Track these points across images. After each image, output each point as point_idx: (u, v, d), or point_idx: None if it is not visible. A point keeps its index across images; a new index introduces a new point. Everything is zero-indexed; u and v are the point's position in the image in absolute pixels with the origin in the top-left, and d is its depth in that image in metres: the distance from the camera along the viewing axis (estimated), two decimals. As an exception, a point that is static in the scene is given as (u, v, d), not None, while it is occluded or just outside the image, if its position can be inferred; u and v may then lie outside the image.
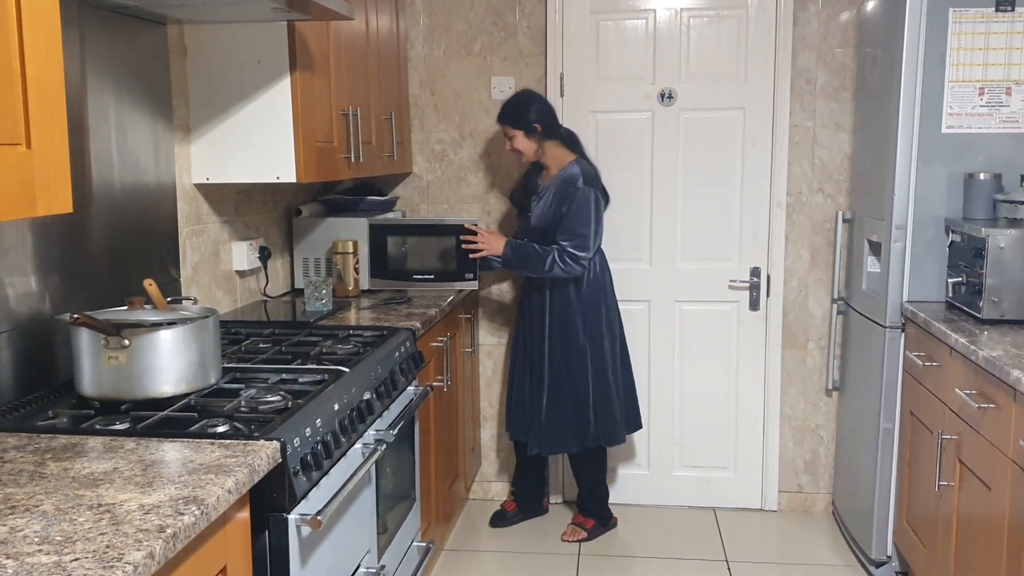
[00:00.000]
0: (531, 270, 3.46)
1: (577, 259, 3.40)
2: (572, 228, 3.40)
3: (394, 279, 3.55)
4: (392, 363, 2.55)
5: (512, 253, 3.46)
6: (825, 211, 3.85)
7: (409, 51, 3.94)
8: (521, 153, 3.50)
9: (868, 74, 3.56)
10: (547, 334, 3.56)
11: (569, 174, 3.45)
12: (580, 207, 3.40)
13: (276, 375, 2.24)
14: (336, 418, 2.05)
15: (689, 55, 3.82)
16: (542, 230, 3.48)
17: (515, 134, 3.47)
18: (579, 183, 3.41)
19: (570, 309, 3.53)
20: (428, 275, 3.54)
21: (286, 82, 2.68)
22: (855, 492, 3.64)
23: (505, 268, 3.53)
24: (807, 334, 3.93)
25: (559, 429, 3.57)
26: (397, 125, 3.68)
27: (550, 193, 3.47)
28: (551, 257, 3.39)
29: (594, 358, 3.55)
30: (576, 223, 3.40)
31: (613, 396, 3.59)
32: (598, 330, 3.55)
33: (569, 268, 3.41)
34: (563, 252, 3.40)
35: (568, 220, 3.41)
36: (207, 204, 2.88)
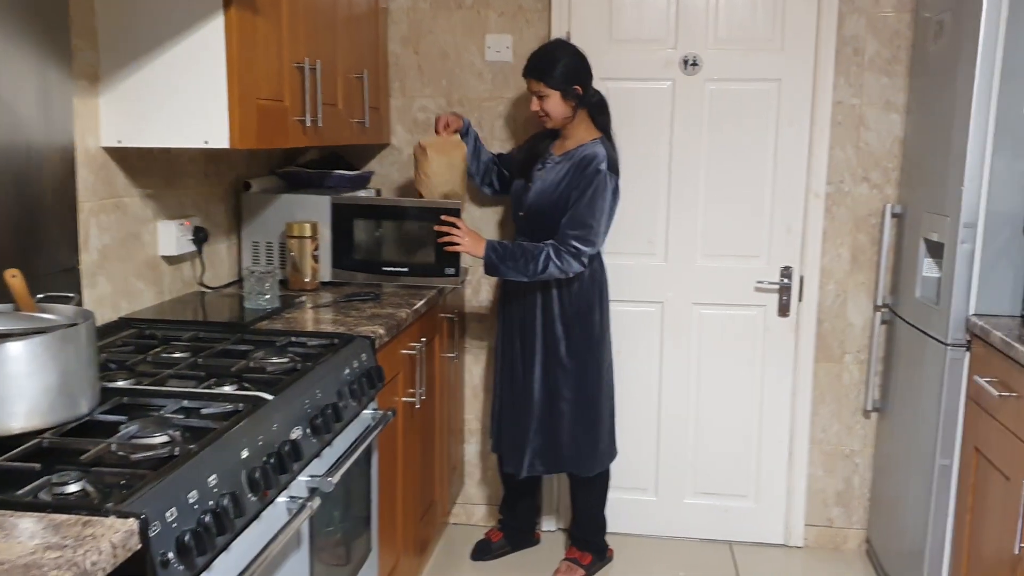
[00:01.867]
0: (520, 273, 2.87)
1: (579, 255, 2.86)
2: (581, 217, 2.85)
3: (362, 270, 2.99)
4: (339, 383, 2.00)
5: (495, 256, 2.87)
6: (870, 204, 3.29)
7: (390, 2, 3.37)
8: (549, 118, 2.91)
9: (929, 44, 2.99)
10: (538, 342, 3.03)
11: (592, 152, 2.89)
12: (597, 194, 2.84)
13: (175, 402, 1.69)
14: (243, 470, 1.50)
15: (718, 16, 3.25)
16: (540, 209, 2.94)
17: (550, 94, 2.87)
18: (602, 166, 2.85)
19: (565, 311, 3.01)
20: (401, 268, 2.98)
21: (219, 21, 2.12)
22: (898, 531, 3.10)
23: (488, 274, 2.93)
24: (844, 346, 3.38)
25: (557, 447, 3.05)
26: (372, 87, 3.11)
27: (562, 167, 2.93)
28: (544, 255, 2.83)
29: (591, 369, 3.04)
30: (587, 212, 2.85)
31: (607, 415, 3.11)
32: (598, 337, 3.05)
33: (567, 266, 2.86)
34: (562, 247, 2.85)
35: (578, 206, 2.85)
36: (123, 174, 2.33)
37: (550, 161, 2.97)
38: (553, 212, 2.90)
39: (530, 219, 2.99)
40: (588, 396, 3.04)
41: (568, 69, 2.88)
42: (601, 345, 3.06)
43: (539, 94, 2.88)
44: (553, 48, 2.97)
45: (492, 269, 2.89)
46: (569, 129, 2.96)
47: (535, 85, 2.89)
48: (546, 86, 2.87)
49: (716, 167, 3.33)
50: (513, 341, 3.09)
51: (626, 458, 3.50)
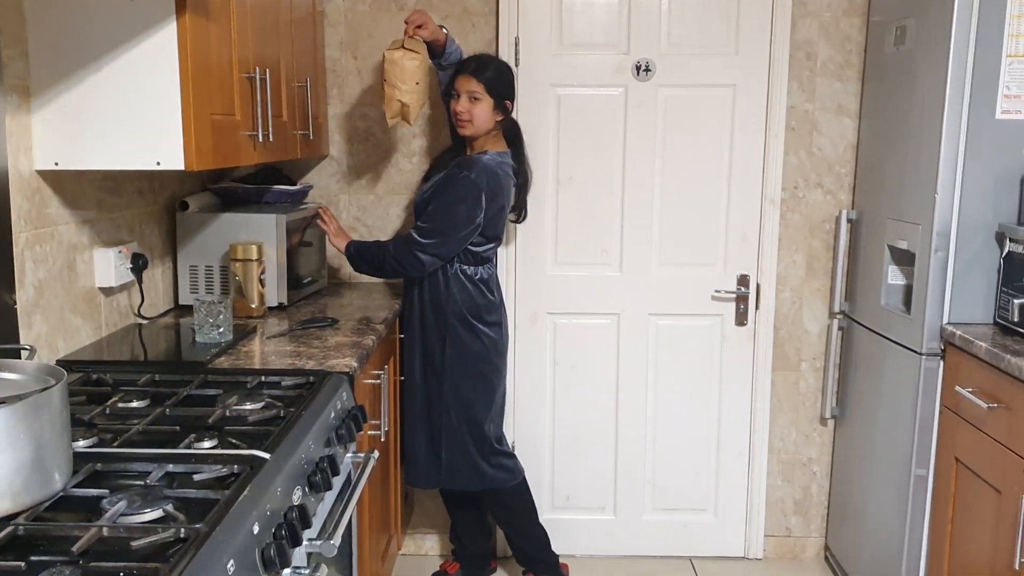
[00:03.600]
0: (372, 266, 2.79)
1: (412, 246, 2.69)
2: (431, 213, 2.72)
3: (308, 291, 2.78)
4: (327, 430, 1.80)
5: (355, 250, 2.79)
6: (824, 210, 3.26)
7: (326, 3, 3.16)
8: (471, 124, 2.75)
9: (887, 48, 2.97)
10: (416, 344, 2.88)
11: (470, 159, 2.77)
12: (452, 194, 2.70)
13: (159, 467, 1.47)
14: (257, 548, 1.30)
15: (671, 21, 3.16)
16: (415, 214, 2.84)
17: (484, 99, 2.74)
18: (472, 171, 2.70)
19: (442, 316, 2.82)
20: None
21: (171, 28, 1.89)
22: (865, 538, 3.08)
23: (353, 268, 2.83)
24: (800, 353, 3.35)
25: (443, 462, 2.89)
26: (313, 96, 2.90)
27: (442, 173, 2.80)
28: (385, 247, 2.74)
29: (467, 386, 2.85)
30: (436, 209, 2.71)
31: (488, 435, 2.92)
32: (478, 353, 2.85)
33: (404, 260, 2.70)
34: (402, 240, 2.72)
35: (431, 204, 2.74)
36: (57, 197, 2.06)
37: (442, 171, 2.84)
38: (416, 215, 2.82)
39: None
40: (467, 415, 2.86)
41: (506, 81, 2.80)
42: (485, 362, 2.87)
43: (474, 95, 2.73)
44: (495, 58, 2.91)
45: (352, 261, 2.81)
46: (479, 143, 2.82)
47: (472, 85, 2.74)
48: (484, 89, 2.74)
49: (671, 174, 3.24)
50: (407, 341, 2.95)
51: (583, 476, 3.39)
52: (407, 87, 2.68)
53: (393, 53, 2.66)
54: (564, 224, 3.22)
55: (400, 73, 2.66)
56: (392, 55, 2.66)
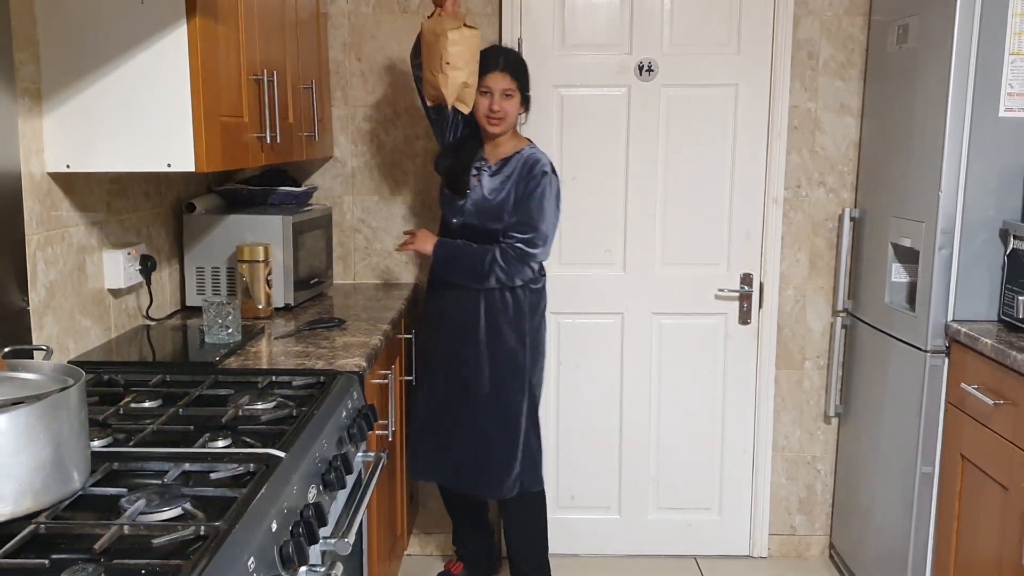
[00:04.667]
0: (466, 274, 2.74)
1: (526, 258, 2.70)
2: (529, 219, 2.70)
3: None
4: (339, 429, 1.81)
5: (443, 251, 2.75)
6: (827, 208, 3.27)
7: (330, 5, 3.16)
8: (503, 120, 2.72)
9: (890, 47, 2.99)
10: (483, 350, 2.79)
11: (535, 156, 2.76)
12: (544, 196, 2.72)
13: (175, 466, 1.48)
14: (275, 545, 1.31)
15: (673, 21, 3.17)
16: (480, 217, 2.75)
17: (516, 96, 2.73)
18: (547, 168, 2.74)
19: (508, 319, 2.79)
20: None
21: (182, 31, 1.90)
22: (870, 536, 3.09)
23: (437, 272, 2.80)
24: (804, 352, 3.36)
25: (492, 469, 2.84)
26: (318, 97, 2.91)
27: (503, 173, 2.76)
28: (490, 256, 2.69)
29: (531, 384, 2.86)
30: (535, 214, 2.71)
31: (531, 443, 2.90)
32: (539, 348, 2.90)
33: (513, 271, 2.71)
34: (509, 250, 2.69)
35: (525, 208, 2.71)
36: (67, 200, 2.07)
37: (485, 168, 2.78)
38: (493, 220, 2.74)
39: (466, 228, 2.78)
40: (510, 418, 2.82)
41: (528, 75, 2.80)
42: (534, 364, 2.88)
43: (507, 92, 2.70)
44: (514, 50, 2.92)
45: (441, 266, 2.77)
46: (506, 138, 2.80)
47: (506, 82, 2.70)
48: (516, 86, 2.72)
49: (674, 174, 3.25)
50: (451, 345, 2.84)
51: (588, 476, 3.39)
52: (470, 68, 2.56)
53: (455, 32, 2.50)
54: (568, 224, 3.23)
55: (463, 53, 2.52)
56: (455, 35, 2.50)
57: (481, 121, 2.74)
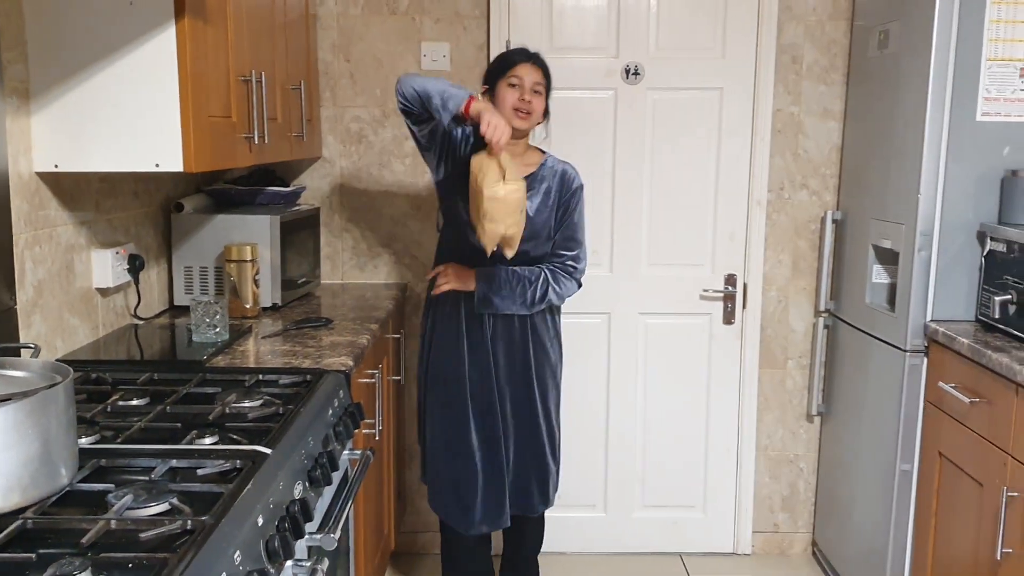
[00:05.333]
0: (516, 302, 2.58)
1: (575, 274, 2.66)
2: (575, 234, 2.67)
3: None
4: (325, 427, 1.84)
5: (487, 286, 2.57)
6: (810, 211, 3.31)
7: (319, 6, 3.19)
8: (530, 118, 2.54)
9: (871, 52, 3.03)
10: (533, 373, 2.69)
11: (564, 168, 2.67)
12: (582, 210, 2.69)
13: (162, 462, 1.50)
14: (261, 539, 1.33)
15: (659, 25, 3.21)
16: (538, 234, 2.59)
17: (543, 95, 2.58)
18: (580, 181, 2.69)
19: (551, 335, 2.76)
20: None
21: (170, 32, 1.92)
22: (851, 533, 3.13)
23: (480, 310, 2.59)
24: (787, 352, 3.40)
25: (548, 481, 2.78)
26: (306, 98, 2.93)
27: (542, 185, 2.62)
28: (543, 279, 2.60)
29: (558, 400, 2.82)
30: (579, 228, 2.68)
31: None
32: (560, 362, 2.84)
33: (565, 290, 2.66)
34: (559, 269, 2.64)
35: (568, 224, 2.65)
36: (55, 199, 2.09)
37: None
38: (541, 244, 2.63)
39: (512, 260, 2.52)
40: (554, 428, 2.79)
41: (549, 78, 2.64)
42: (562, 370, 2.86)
43: (537, 88, 2.54)
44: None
45: (485, 303, 2.58)
46: (522, 144, 2.63)
47: (539, 76, 2.56)
48: (545, 85, 2.59)
49: (659, 175, 3.29)
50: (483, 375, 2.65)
51: (575, 474, 3.42)
52: (512, 219, 2.33)
53: (496, 188, 2.28)
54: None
55: (505, 208, 2.30)
56: (495, 191, 2.28)
57: (506, 114, 2.47)
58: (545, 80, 2.57)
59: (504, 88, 2.52)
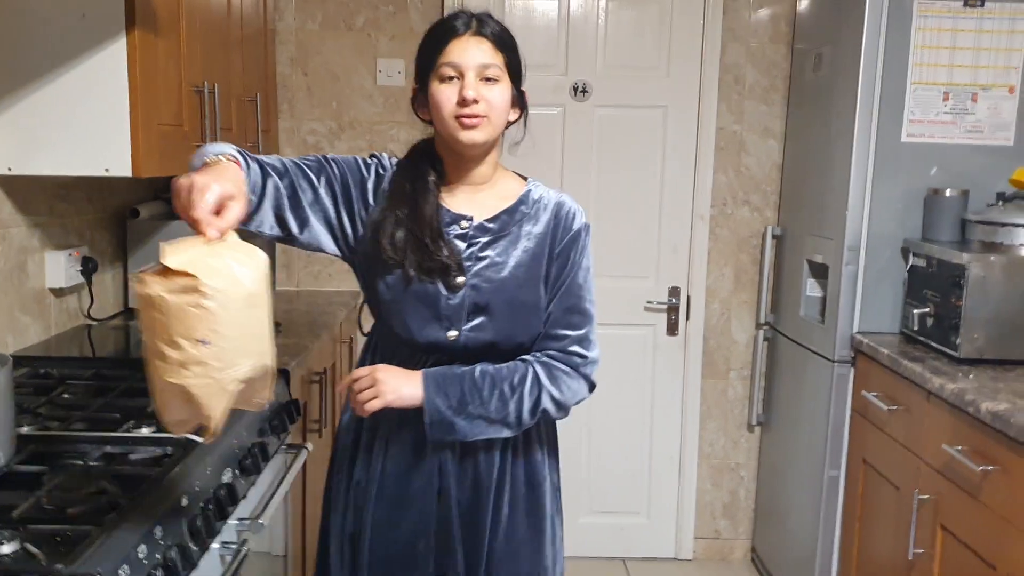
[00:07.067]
0: (494, 420, 1.64)
1: (581, 367, 1.73)
2: (578, 303, 1.75)
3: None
4: (260, 420, 1.92)
5: (444, 401, 1.61)
6: (751, 226, 3.44)
7: (278, 22, 3.29)
8: (487, 124, 1.59)
9: (808, 74, 3.17)
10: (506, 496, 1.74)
11: (560, 204, 1.75)
12: (589, 263, 1.80)
13: (98, 448, 1.59)
14: (185, 518, 1.42)
15: (607, 43, 3.34)
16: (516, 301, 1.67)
17: (503, 81, 1.61)
18: (585, 219, 1.79)
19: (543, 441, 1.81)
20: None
21: (121, 43, 2.00)
22: (786, 539, 3.24)
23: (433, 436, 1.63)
24: (729, 362, 3.52)
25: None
26: (263, 110, 3.02)
27: (527, 229, 1.69)
28: (532, 378, 1.65)
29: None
30: (586, 294, 1.77)
31: None
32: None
33: (568, 394, 1.70)
34: (560, 362, 1.70)
35: (571, 289, 1.73)
36: (9, 202, 2.17)
37: (472, 229, 1.67)
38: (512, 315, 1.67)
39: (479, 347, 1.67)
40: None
41: (519, 54, 1.67)
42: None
43: (488, 73, 1.58)
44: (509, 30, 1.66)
45: (442, 427, 1.62)
46: (489, 160, 1.69)
47: (486, 54, 1.59)
48: (505, 61, 1.61)
49: (606, 190, 3.40)
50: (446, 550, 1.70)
51: (522, 480, 3.51)
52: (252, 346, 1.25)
53: (150, 285, 1.17)
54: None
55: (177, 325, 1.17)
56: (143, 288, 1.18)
57: (446, 126, 1.60)
58: (504, 54, 1.61)
59: (436, 87, 1.60)
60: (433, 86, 1.61)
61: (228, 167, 1.42)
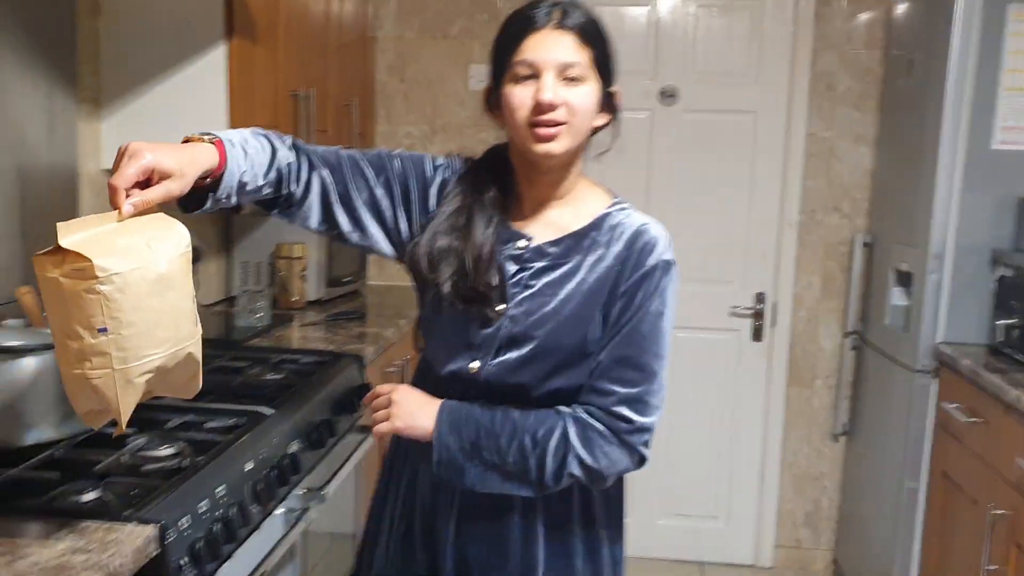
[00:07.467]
0: (504, 477, 1.41)
1: (626, 435, 1.40)
2: (639, 355, 1.43)
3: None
4: (331, 400, 2.06)
5: (456, 436, 1.40)
6: (841, 233, 3.41)
7: (377, 31, 3.45)
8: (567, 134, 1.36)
9: (900, 80, 3.12)
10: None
11: (639, 232, 1.46)
12: (665, 311, 1.49)
13: (179, 415, 1.74)
14: (248, 481, 1.55)
15: (696, 50, 3.37)
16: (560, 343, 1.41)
17: (590, 81, 1.38)
18: (668, 254, 1.50)
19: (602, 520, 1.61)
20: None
21: (220, 51, 2.19)
22: (866, 552, 3.19)
23: (439, 475, 1.42)
24: (815, 371, 3.49)
25: None
26: (360, 114, 3.18)
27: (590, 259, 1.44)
28: (560, 435, 1.38)
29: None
30: (650, 344, 1.45)
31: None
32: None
33: (603, 461, 1.40)
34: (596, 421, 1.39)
35: (630, 336, 1.43)
36: (120, 194, 2.37)
37: (530, 254, 1.46)
38: (555, 353, 1.42)
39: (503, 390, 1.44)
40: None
41: (609, 49, 1.42)
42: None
43: (571, 72, 1.36)
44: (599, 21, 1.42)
45: (450, 468, 1.41)
46: (570, 174, 1.46)
47: (570, 50, 1.36)
48: (593, 58, 1.38)
49: (692, 195, 3.43)
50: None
51: (603, 479, 3.57)
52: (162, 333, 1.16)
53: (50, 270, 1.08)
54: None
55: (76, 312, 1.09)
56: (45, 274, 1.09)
57: (519, 134, 1.39)
58: (591, 49, 1.38)
59: (509, 88, 1.38)
60: (507, 87, 1.38)
61: (195, 146, 1.30)
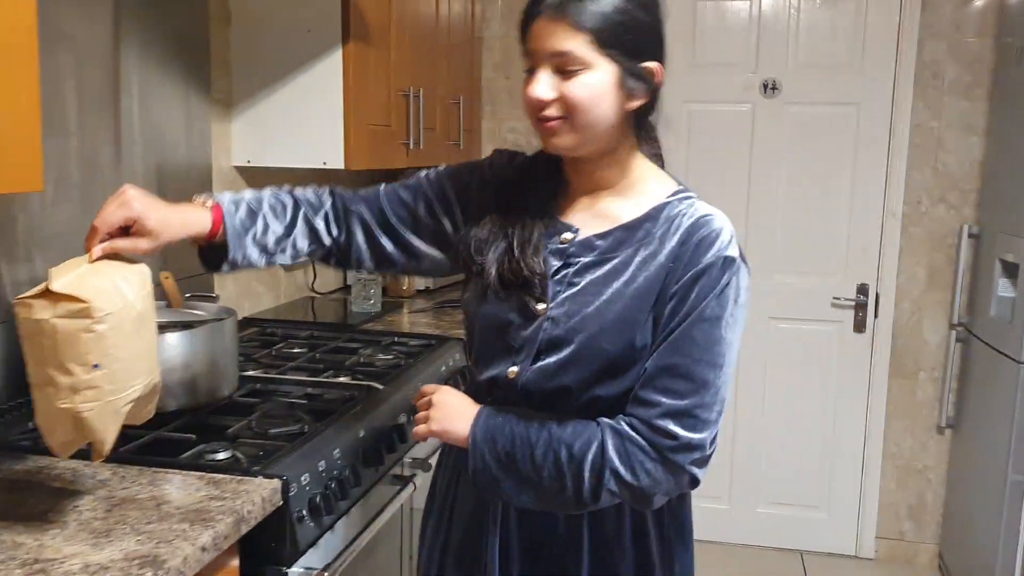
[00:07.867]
0: (539, 492, 1.27)
1: (670, 452, 1.24)
2: (690, 365, 1.25)
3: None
4: (437, 378, 2.21)
5: (490, 445, 1.28)
6: (947, 224, 3.38)
7: (484, 31, 3.60)
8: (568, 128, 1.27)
9: (1011, 68, 3.08)
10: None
11: (698, 223, 1.30)
12: (726, 313, 1.27)
13: (300, 388, 1.92)
14: (360, 447, 1.72)
15: (798, 42, 3.39)
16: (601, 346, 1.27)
17: (592, 68, 1.24)
18: (731, 249, 1.30)
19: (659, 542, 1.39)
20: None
21: (337, 55, 2.36)
22: (970, 546, 3.17)
23: (476, 484, 1.30)
24: (919, 363, 3.47)
25: None
26: (466, 111, 3.34)
27: (642, 253, 1.29)
28: (595, 450, 1.24)
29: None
30: (705, 351, 1.26)
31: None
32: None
33: (644, 479, 1.23)
34: (639, 435, 1.24)
35: (680, 341, 1.25)
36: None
37: (574, 245, 1.33)
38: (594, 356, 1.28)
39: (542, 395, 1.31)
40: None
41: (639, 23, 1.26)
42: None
43: (564, 63, 1.25)
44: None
45: (486, 480, 1.29)
46: (606, 165, 1.34)
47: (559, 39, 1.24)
48: (593, 40, 1.22)
49: (794, 186, 3.46)
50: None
51: (702, 466, 3.63)
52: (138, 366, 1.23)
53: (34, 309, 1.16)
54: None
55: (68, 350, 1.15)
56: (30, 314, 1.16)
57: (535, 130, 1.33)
58: (589, 32, 1.22)
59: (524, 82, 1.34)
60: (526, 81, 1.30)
61: (190, 209, 1.33)
